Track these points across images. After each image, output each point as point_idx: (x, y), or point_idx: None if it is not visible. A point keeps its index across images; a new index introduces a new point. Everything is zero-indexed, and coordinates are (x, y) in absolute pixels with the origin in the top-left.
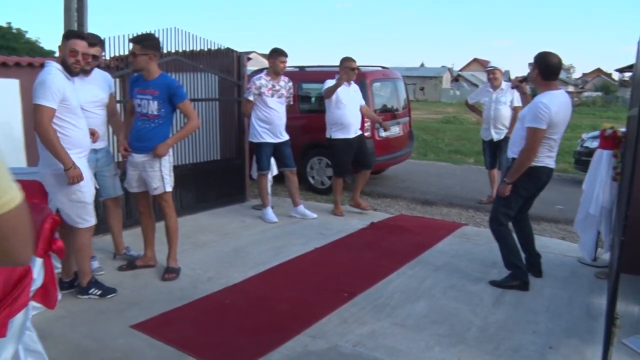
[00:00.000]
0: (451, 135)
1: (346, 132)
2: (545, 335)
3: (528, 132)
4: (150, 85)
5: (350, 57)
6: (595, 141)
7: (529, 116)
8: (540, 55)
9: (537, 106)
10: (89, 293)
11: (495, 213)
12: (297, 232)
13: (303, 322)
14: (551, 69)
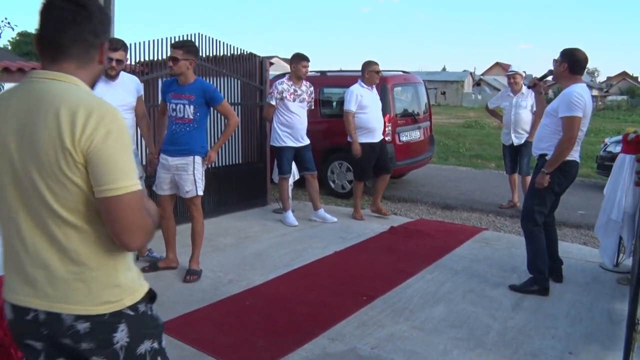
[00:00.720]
0: (472, 140)
1: (371, 136)
2: (565, 341)
3: (565, 121)
4: (185, 90)
5: (373, 60)
6: (619, 146)
7: (563, 106)
8: (569, 50)
9: (571, 95)
10: None
11: (530, 212)
12: (317, 236)
13: (322, 325)
14: (579, 63)
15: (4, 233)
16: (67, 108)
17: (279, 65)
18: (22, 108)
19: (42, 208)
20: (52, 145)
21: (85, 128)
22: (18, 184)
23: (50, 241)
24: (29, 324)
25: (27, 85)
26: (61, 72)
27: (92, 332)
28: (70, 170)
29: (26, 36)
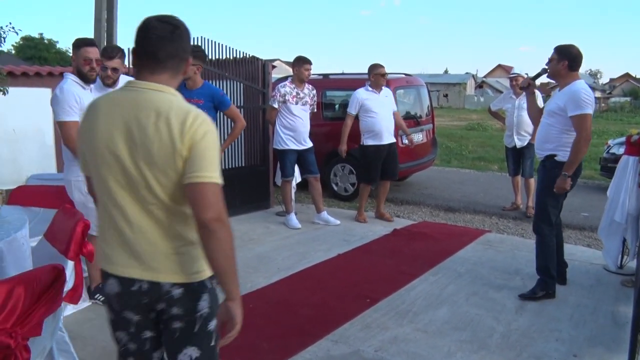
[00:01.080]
0: (475, 142)
1: (377, 139)
2: (569, 343)
3: (577, 120)
4: (194, 95)
5: (379, 63)
6: (622, 147)
7: (572, 105)
8: (566, 47)
9: (579, 92)
10: (95, 298)
11: (545, 214)
12: (321, 238)
13: (326, 327)
14: (578, 59)
15: (107, 217)
16: (176, 116)
17: (282, 68)
18: (131, 114)
19: (150, 196)
20: (164, 146)
21: (190, 130)
22: (127, 178)
23: (154, 222)
24: (134, 294)
25: (132, 93)
26: (159, 83)
27: (183, 298)
28: (177, 165)
29: (30, 40)
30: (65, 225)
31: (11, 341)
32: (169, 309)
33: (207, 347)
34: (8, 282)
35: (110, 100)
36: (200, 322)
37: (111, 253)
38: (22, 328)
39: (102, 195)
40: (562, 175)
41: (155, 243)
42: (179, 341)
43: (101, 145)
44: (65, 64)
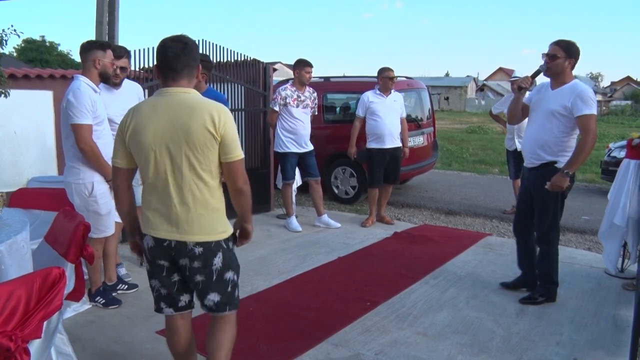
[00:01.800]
0: (476, 145)
1: (380, 142)
2: (570, 347)
3: (586, 120)
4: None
5: (388, 67)
6: (623, 151)
7: (581, 105)
8: (572, 44)
9: (587, 92)
10: (95, 301)
11: (556, 222)
12: (321, 242)
13: (326, 330)
14: (579, 57)
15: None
16: (207, 110)
17: (283, 71)
18: (171, 110)
19: (190, 173)
20: (202, 132)
21: (220, 120)
22: (173, 162)
23: (191, 194)
24: (164, 249)
25: (166, 97)
26: (183, 87)
27: (202, 255)
28: (213, 147)
29: (31, 43)
30: (66, 228)
31: (11, 344)
32: (191, 263)
33: (225, 293)
34: (8, 284)
35: (151, 104)
36: (216, 274)
37: (153, 220)
38: (22, 331)
39: (151, 178)
40: (563, 173)
41: (189, 211)
42: (203, 290)
43: (151, 138)
44: (66, 66)
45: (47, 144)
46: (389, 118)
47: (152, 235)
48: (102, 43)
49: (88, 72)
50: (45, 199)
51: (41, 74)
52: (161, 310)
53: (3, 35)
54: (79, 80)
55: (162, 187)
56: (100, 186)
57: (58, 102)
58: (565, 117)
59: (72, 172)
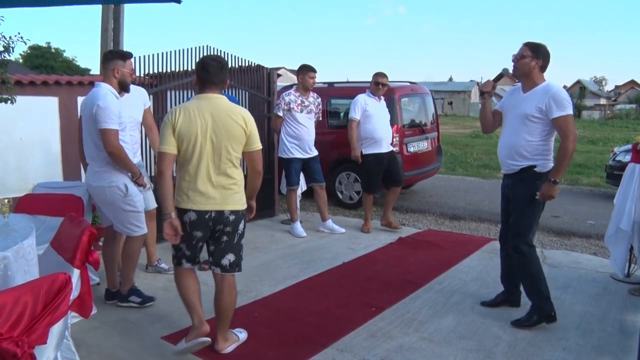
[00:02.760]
0: (480, 150)
1: (377, 147)
2: (576, 352)
3: (564, 121)
4: None
5: (381, 72)
6: (628, 155)
7: (555, 106)
8: (539, 45)
9: (560, 93)
10: (128, 301)
11: (525, 234)
12: (326, 247)
13: (331, 336)
14: (549, 59)
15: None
16: (240, 113)
17: (287, 76)
18: (213, 110)
19: (226, 158)
20: (237, 128)
21: (249, 120)
22: (215, 149)
23: (224, 174)
24: (205, 220)
25: (207, 101)
26: (216, 94)
27: (234, 221)
28: (243, 139)
29: (37, 49)
30: (72, 234)
31: (17, 350)
32: (225, 227)
33: (238, 254)
34: (15, 290)
35: (196, 105)
36: (238, 236)
37: (195, 198)
38: (29, 337)
39: (194, 162)
40: (550, 182)
41: (224, 188)
42: (224, 249)
43: (199, 131)
44: (71, 72)
45: (53, 149)
46: (383, 122)
47: (194, 209)
48: (124, 53)
49: (108, 79)
50: (51, 204)
51: (47, 81)
52: (181, 264)
53: (10, 42)
54: (104, 87)
55: (204, 170)
56: (132, 185)
57: (64, 108)
58: (541, 119)
59: (103, 176)
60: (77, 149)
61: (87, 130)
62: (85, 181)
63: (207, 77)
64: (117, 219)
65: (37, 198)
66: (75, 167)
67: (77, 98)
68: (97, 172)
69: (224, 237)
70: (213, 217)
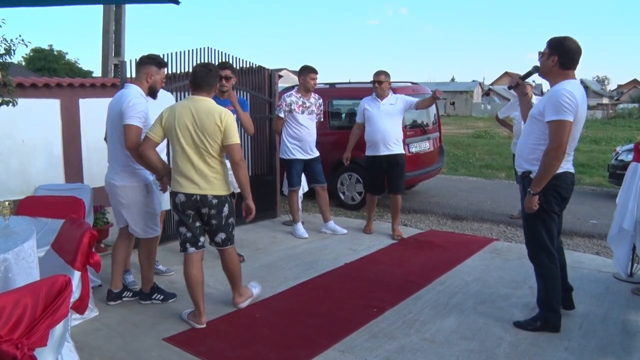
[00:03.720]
0: (482, 150)
1: (373, 149)
2: (579, 353)
3: (553, 127)
4: (228, 103)
5: (380, 71)
6: (631, 154)
7: (550, 108)
8: (559, 41)
9: (559, 95)
10: (152, 299)
11: (538, 241)
12: (328, 248)
13: (332, 337)
14: (572, 55)
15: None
16: (217, 112)
17: (288, 77)
18: (196, 110)
19: (205, 152)
20: (212, 125)
21: (225, 118)
22: (194, 142)
23: (206, 165)
24: (192, 202)
25: (192, 102)
26: (203, 97)
27: (217, 205)
28: (218, 136)
29: (39, 52)
30: (72, 236)
31: (17, 352)
32: (210, 211)
33: (228, 232)
34: (15, 292)
35: (182, 105)
36: (225, 218)
37: (182, 182)
38: (29, 339)
39: (179, 154)
40: (528, 193)
41: (206, 175)
42: (215, 230)
43: (181, 126)
44: (73, 74)
45: (55, 152)
46: (382, 124)
47: (182, 192)
48: (160, 61)
49: (139, 82)
50: (52, 206)
51: (48, 83)
52: (186, 249)
53: (11, 45)
54: (134, 88)
55: (188, 160)
56: (154, 186)
57: (65, 110)
58: (540, 122)
59: (128, 175)
60: (75, 151)
61: (112, 129)
62: (106, 181)
63: (195, 82)
64: (135, 220)
65: (39, 200)
66: (76, 169)
67: (79, 100)
68: (121, 172)
69: (213, 220)
70: (198, 199)
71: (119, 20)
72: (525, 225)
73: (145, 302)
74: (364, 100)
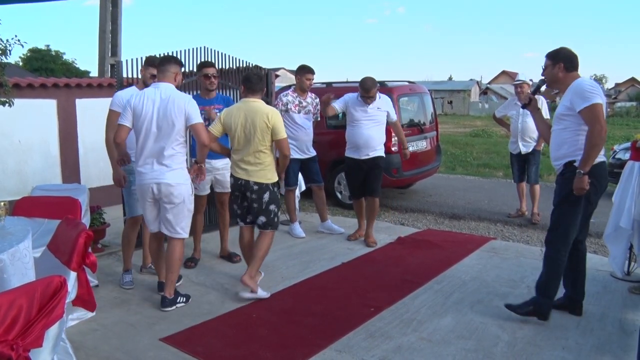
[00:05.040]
0: (480, 149)
1: (354, 152)
2: (576, 352)
3: (587, 112)
4: (214, 101)
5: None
6: (628, 152)
7: (578, 99)
8: (557, 51)
9: (581, 85)
10: (177, 303)
11: (561, 229)
12: (325, 247)
13: (329, 336)
14: (572, 58)
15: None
16: (266, 112)
17: (286, 77)
18: (249, 111)
19: (255, 145)
20: (262, 124)
21: (272, 117)
22: (246, 137)
23: (254, 156)
24: (238, 185)
25: (246, 104)
26: (256, 99)
27: (257, 191)
28: (267, 132)
29: (37, 52)
30: (68, 236)
31: (12, 353)
32: (252, 195)
33: (269, 217)
34: (9, 293)
35: (238, 107)
36: (265, 204)
37: (235, 168)
38: (24, 340)
39: (236, 146)
40: (577, 174)
41: (252, 164)
42: (257, 213)
43: (238, 125)
44: (71, 74)
45: (51, 152)
46: (367, 129)
47: (234, 176)
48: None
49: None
50: (48, 207)
51: (45, 83)
52: (238, 223)
53: (7, 45)
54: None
55: (241, 151)
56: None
57: (62, 110)
58: (572, 116)
59: (181, 173)
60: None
61: (155, 127)
62: (150, 182)
63: (250, 87)
64: (175, 220)
65: (35, 201)
66: (73, 169)
67: (76, 100)
68: (172, 170)
69: (254, 204)
70: (243, 184)
71: (116, 20)
72: (555, 210)
73: (170, 308)
74: (351, 95)
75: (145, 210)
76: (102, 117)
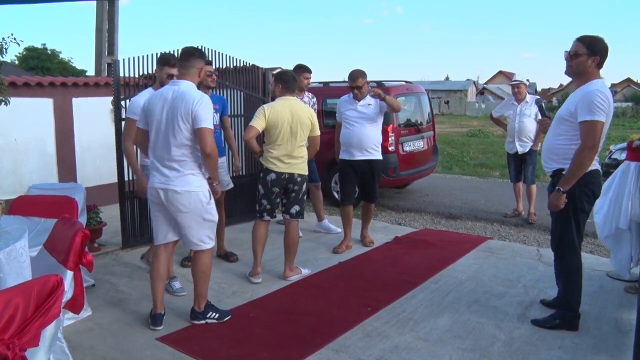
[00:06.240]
0: (476, 149)
1: (347, 153)
2: (572, 351)
3: (585, 127)
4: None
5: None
6: (624, 153)
7: (584, 108)
8: (598, 41)
9: (593, 96)
10: (207, 317)
11: (568, 240)
12: (322, 247)
13: (326, 336)
14: (607, 54)
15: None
16: (307, 109)
17: None
18: (293, 108)
19: (299, 140)
20: (306, 120)
21: (313, 115)
22: (292, 132)
23: (298, 150)
24: (280, 179)
25: (288, 101)
26: (292, 97)
27: (301, 182)
28: (309, 128)
29: (33, 51)
30: (65, 235)
31: (8, 352)
32: (294, 186)
33: (302, 206)
34: (6, 293)
35: (281, 105)
36: (302, 193)
37: (277, 163)
38: (20, 339)
39: (279, 141)
40: (556, 190)
41: (296, 158)
42: (292, 202)
43: (285, 121)
44: (67, 73)
45: (48, 151)
46: (359, 127)
47: (275, 171)
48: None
49: (192, 78)
50: (45, 206)
51: (41, 82)
52: (262, 217)
53: (3, 44)
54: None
55: (285, 146)
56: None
57: (58, 109)
58: (571, 122)
59: (190, 179)
60: (69, 150)
61: (164, 128)
62: (154, 185)
63: (287, 86)
64: (191, 231)
65: (31, 199)
66: (70, 168)
67: (72, 99)
68: (182, 176)
69: (293, 194)
70: (286, 177)
71: (112, 19)
72: (556, 223)
73: (200, 322)
74: (342, 100)
75: (152, 216)
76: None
